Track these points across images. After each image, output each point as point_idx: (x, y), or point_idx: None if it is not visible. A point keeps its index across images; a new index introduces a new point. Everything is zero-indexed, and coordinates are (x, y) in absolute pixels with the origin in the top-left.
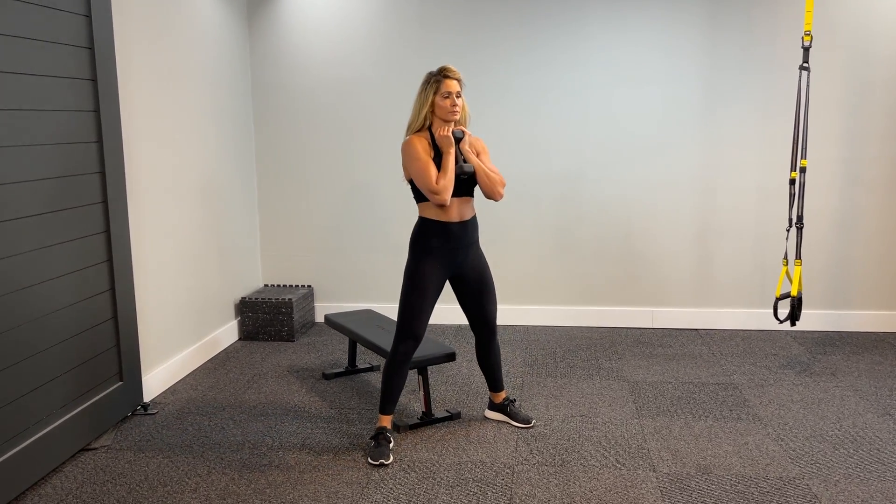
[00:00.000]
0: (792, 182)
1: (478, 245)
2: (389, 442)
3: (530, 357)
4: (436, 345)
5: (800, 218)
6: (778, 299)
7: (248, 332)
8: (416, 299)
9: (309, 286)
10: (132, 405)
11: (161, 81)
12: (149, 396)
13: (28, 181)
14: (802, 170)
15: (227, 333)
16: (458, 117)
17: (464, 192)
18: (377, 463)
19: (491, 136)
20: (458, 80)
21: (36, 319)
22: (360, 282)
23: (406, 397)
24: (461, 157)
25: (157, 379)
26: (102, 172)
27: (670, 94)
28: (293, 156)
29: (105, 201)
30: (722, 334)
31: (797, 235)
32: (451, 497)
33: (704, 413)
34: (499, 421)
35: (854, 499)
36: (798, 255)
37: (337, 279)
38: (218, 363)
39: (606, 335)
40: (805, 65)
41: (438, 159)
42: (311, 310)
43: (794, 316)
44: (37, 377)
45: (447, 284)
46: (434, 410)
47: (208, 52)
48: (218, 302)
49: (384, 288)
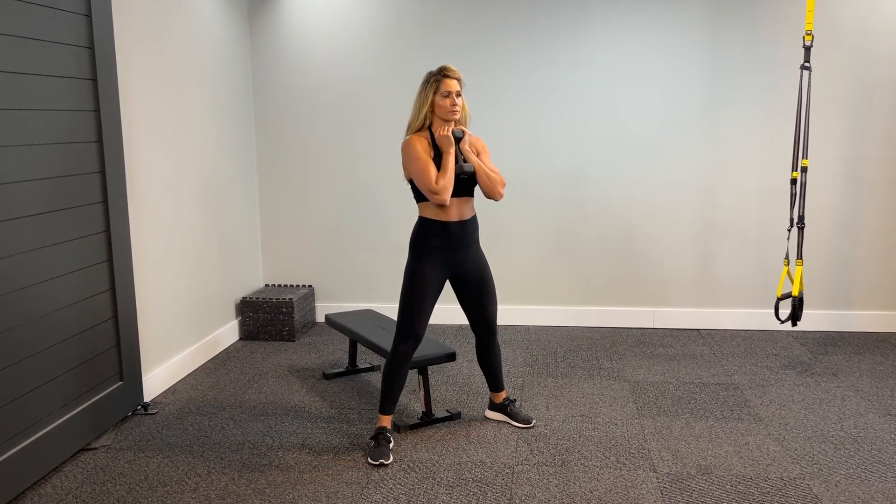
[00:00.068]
0: (793, 182)
1: (478, 245)
2: (389, 442)
3: (531, 357)
4: (436, 345)
5: (801, 218)
6: (779, 299)
7: (248, 332)
8: (416, 299)
9: (310, 286)
10: (132, 405)
11: (161, 81)
12: (149, 396)
13: (28, 181)
14: (804, 169)
15: (227, 333)
16: (458, 117)
17: (464, 191)
18: (377, 463)
19: (492, 136)
20: (458, 79)
21: (36, 319)
22: (360, 282)
23: (406, 397)
24: (461, 156)
25: (157, 379)
26: (102, 172)
27: (672, 94)
28: (294, 155)
29: (105, 201)
30: (723, 334)
31: (798, 235)
32: (451, 497)
33: (705, 413)
34: (499, 421)
35: (855, 499)
36: (799, 255)
37: (338, 279)
38: (218, 363)
39: (607, 335)
40: (806, 64)
41: (438, 159)
42: (311, 310)
43: (795, 316)
44: (37, 377)
45: (447, 284)
46: (434, 410)
47: (209, 52)
48: (218, 302)
49: (385, 288)
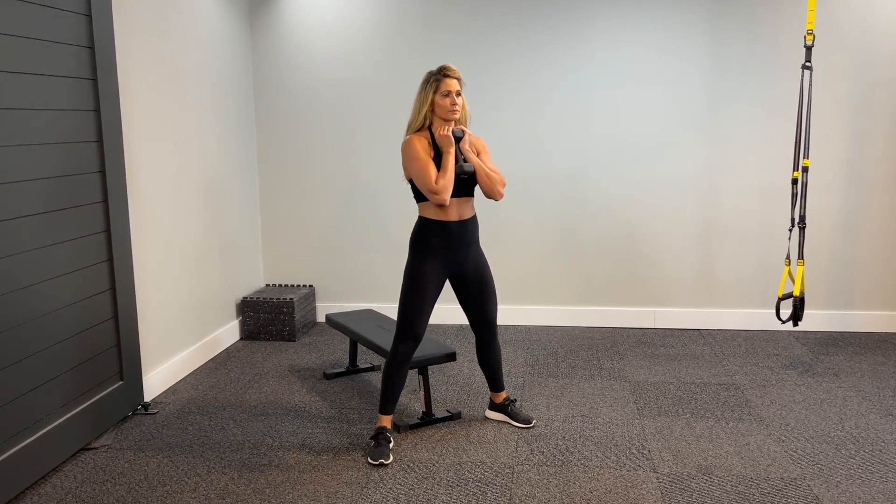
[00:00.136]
0: (794, 182)
1: (478, 244)
2: (389, 442)
3: (531, 357)
4: (436, 345)
5: (802, 218)
6: (780, 299)
7: (249, 332)
8: (415, 299)
9: (310, 286)
10: (132, 405)
11: (162, 81)
12: (149, 396)
13: (28, 180)
14: (805, 169)
15: (228, 333)
16: (458, 116)
17: (464, 191)
18: (377, 463)
19: (493, 136)
20: (458, 78)
21: (36, 319)
22: (361, 282)
23: (406, 397)
24: (461, 156)
25: (157, 378)
26: (103, 172)
27: (672, 94)
28: (295, 155)
29: (105, 201)
30: (724, 334)
31: (799, 235)
32: (451, 497)
33: (706, 413)
34: (499, 421)
35: (856, 500)
36: (800, 255)
37: (338, 279)
38: (219, 363)
39: (608, 335)
40: (807, 64)
41: (438, 159)
42: (312, 309)
43: (796, 316)
44: (37, 376)
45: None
46: (434, 410)
47: (209, 52)
48: (219, 301)
49: (386, 288)
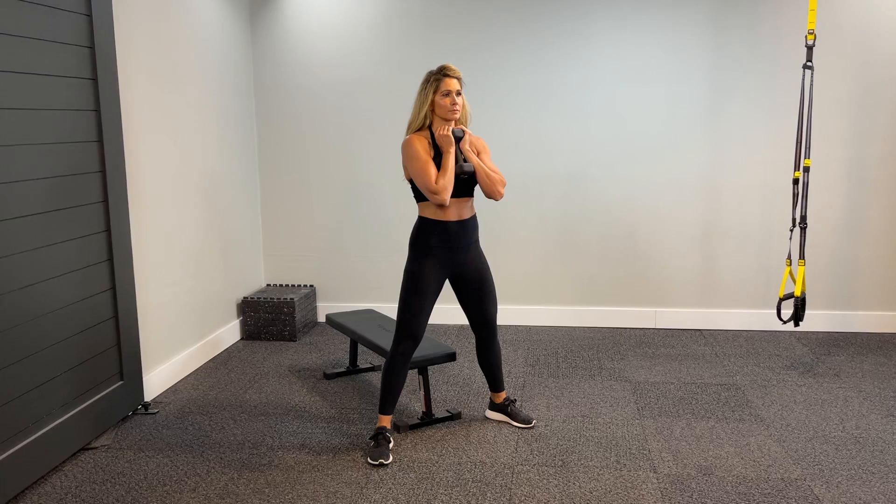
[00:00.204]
0: (795, 182)
1: (477, 244)
2: (389, 442)
3: (532, 357)
4: (436, 345)
5: (803, 218)
6: (781, 300)
7: (249, 332)
8: (415, 299)
9: (311, 286)
10: (133, 404)
11: (163, 81)
12: (150, 396)
13: (29, 180)
14: (806, 169)
15: (228, 333)
16: (458, 116)
17: (464, 191)
18: (376, 463)
19: (494, 136)
20: (458, 78)
21: (37, 318)
22: (362, 282)
23: (406, 397)
24: (461, 156)
25: (158, 378)
26: (103, 172)
27: (673, 94)
28: (296, 156)
29: (106, 200)
30: (725, 335)
31: (801, 235)
32: (450, 497)
33: (706, 414)
34: (499, 421)
35: (856, 500)
36: (802, 256)
37: (339, 279)
38: (219, 363)
39: (609, 335)
40: (809, 64)
41: (438, 159)
42: (313, 309)
43: (797, 316)
44: (37, 376)
45: (447, 284)
46: (434, 410)
47: (210, 52)
48: (220, 301)
49: (386, 288)
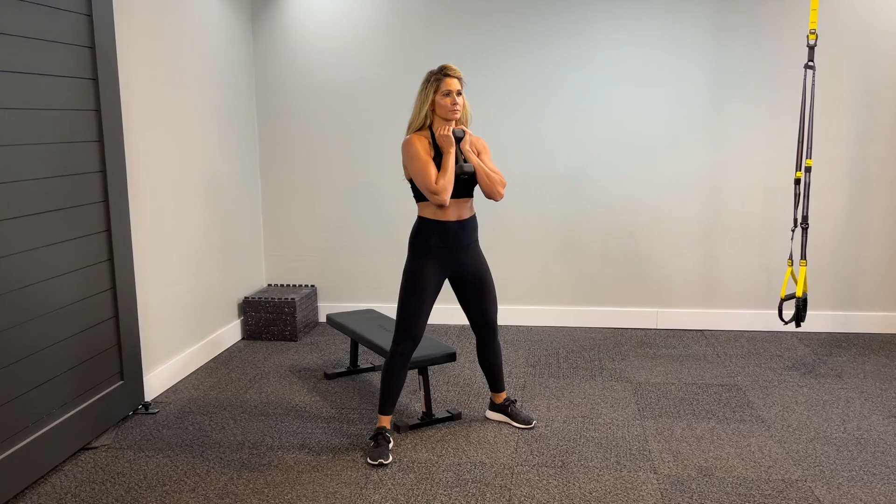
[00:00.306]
0: (797, 182)
1: (477, 245)
2: (389, 442)
3: (533, 357)
4: (436, 345)
5: (805, 218)
6: (783, 300)
7: (250, 332)
8: (414, 299)
9: (312, 286)
10: (133, 404)
11: (163, 81)
12: (151, 396)
13: (29, 180)
14: (808, 169)
15: (229, 333)
16: (458, 116)
17: (463, 192)
18: (376, 463)
19: (495, 136)
20: (459, 78)
21: (37, 318)
22: (363, 282)
23: (407, 397)
24: (461, 156)
25: (159, 378)
26: (103, 171)
27: (674, 94)
28: (297, 156)
29: (106, 200)
30: (727, 335)
31: (802, 236)
32: (450, 498)
33: (707, 414)
34: (499, 421)
35: (857, 502)
36: (803, 256)
37: (340, 279)
38: (220, 363)
39: (610, 336)
40: (810, 63)
41: (439, 159)
42: (314, 309)
43: (799, 317)
44: (37, 375)
45: (447, 285)
46: (435, 411)
47: (211, 52)
48: (221, 301)
49: (387, 288)
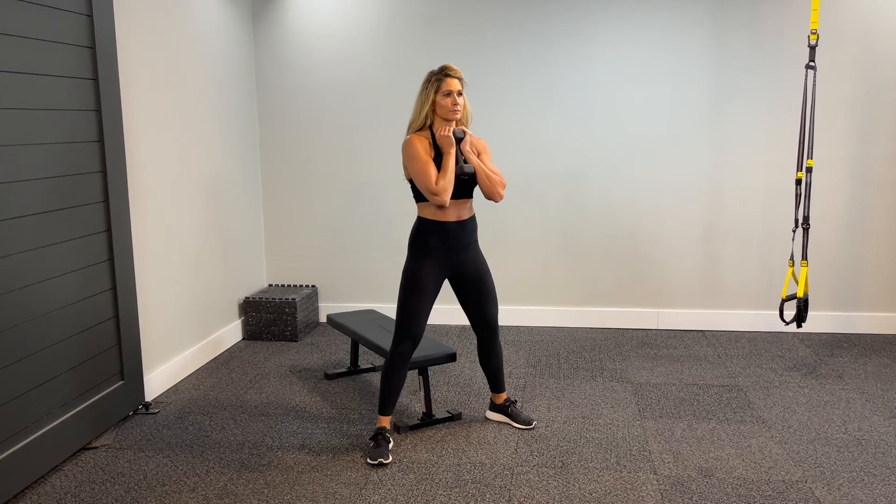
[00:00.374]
0: (798, 182)
1: (476, 245)
2: (388, 442)
3: (533, 358)
4: (436, 345)
5: (806, 218)
6: (784, 301)
7: (251, 332)
8: (413, 300)
9: (313, 286)
10: (133, 404)
11: (164, 81)
12: (151, 396)
13: (30, 180)
14: (809, 170)
15: (230, 333)
16: (459, 116)
17: (463, 192)
18: (375, 462)
19: (495, 136)
20: (460, 78)
21: (37, 318)
22: (364, 282)
23: (407, 398)
24: (462, 157)
25: (159, 378)
26: (104, 172)
27: (676, 94)
28: (298, 156)
29: (107, 200)
30: (728, 336)
31: (803, 236)
32: (449, 498)
33: (708, 415)
34: (500, 422)
35: (857, 503)
36: (804, 256)
37: (341, 279)
38: (221, 363)
39: (611, 336)
40: (811, 64)
41: (439, 159)
42: (314, 310)
43: (800, 317)
44: (38, 375)
45: (447, 285)
46: (435, 411)
47: (212, 52)
48: (221, 301)
49: (388, 288)
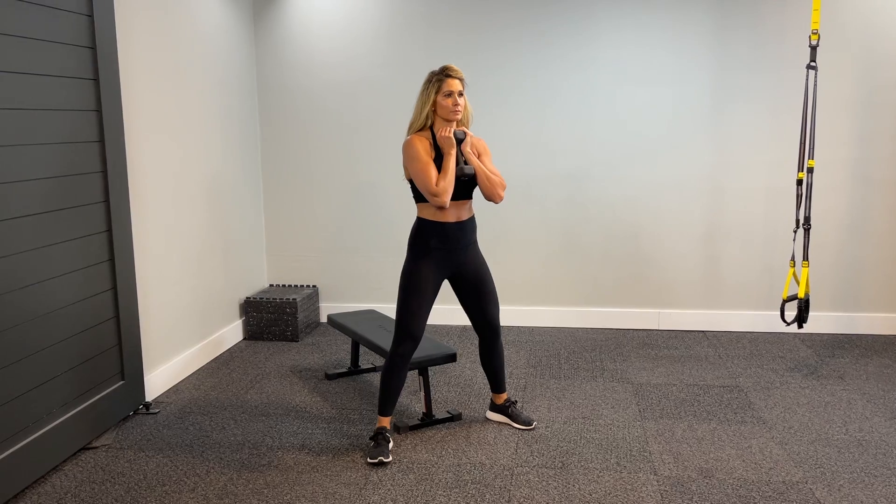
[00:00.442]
0: (799, 183)
1: (476, 245)
2: (388, 442)
3: (534, 358)
4: (437, 345)
5: (807, 219)
6: (785, 301)
7: (252, 332)
8: (413, 300)
9: (314, 286)
10: (134, 404)
11: (164, 81)
12: (151, 396)
13: (30, 180)
14: (810, 170)
15: (231, 333)
16: (459, 117)
17: (463, 193)
18: (375, 461)
19: (496, 137)
20: (461, 79)
21: (38, 318)
22: (364, 282)
23: (407, 398)
24: (462, 158)
25: (159, 378)
26: (104, 172)
27: (677, 94)
28: (298, 156)
29: (107, 200)
30: (729, 336)
31: (804, 237)
32: (449, 499)
33: (708, 416)
34: (500, 422)
35: None
36: (805, 257)
37: (342, 279)
38: (221, 363)
39: (612, 336)
40: (812, 64)
41: (439, 159)
42: (315, 310)
43: (801, 318)
44: (38, 375)
45: (448, 286)
46: (435, 411)
47: (213, 52)
48: (222, 302)
49: (388, 288)
